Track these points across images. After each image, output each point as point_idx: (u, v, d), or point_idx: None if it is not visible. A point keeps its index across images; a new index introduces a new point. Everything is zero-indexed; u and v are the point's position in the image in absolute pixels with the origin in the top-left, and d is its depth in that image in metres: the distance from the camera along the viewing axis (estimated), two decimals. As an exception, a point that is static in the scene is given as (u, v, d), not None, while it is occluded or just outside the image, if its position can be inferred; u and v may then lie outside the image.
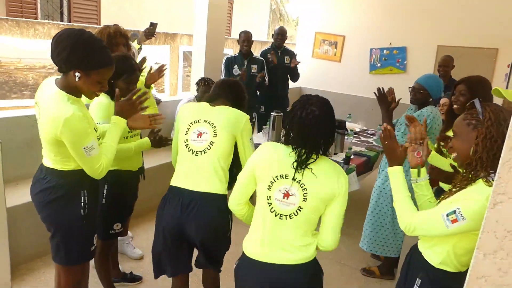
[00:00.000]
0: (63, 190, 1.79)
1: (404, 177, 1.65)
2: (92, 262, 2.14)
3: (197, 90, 4.16)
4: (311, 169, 1.54)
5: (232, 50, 9.77)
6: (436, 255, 1.56)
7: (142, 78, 2.78)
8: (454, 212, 1.39)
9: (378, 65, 6.38)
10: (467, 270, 1.48)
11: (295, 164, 1.54)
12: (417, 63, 5.96)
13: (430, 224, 1.48)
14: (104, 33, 2.64)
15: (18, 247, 2.71)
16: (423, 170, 1.69)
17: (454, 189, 1.52)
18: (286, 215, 1.57)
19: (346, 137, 4.02)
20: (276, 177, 1.57)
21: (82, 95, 1.76)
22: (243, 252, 1.69)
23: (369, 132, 4.99)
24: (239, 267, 1.70)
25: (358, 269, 3.27)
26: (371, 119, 5.47)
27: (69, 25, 6.85)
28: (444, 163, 2.28)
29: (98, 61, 1.66)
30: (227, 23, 11.49)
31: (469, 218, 1.37)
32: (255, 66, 4.68)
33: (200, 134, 1.94)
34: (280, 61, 5.00)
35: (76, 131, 1.64)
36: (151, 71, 2.90)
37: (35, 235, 2.87)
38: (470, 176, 1.47)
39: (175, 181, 1.98)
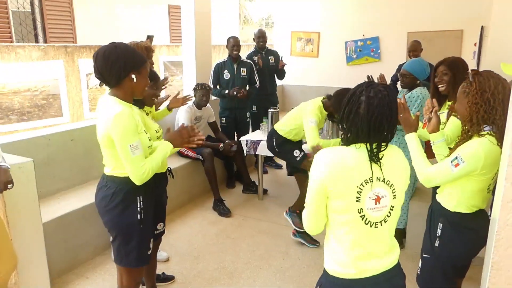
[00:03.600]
0: (121, 196, 1.92)
1: (419, 141, 1.96)
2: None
3: (195, 95, 4.35)
4: (386, 160, 1.41)
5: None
6: (450, 201, 1.92)
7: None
8: (456, 158, 1.78)
9: (354, 56, 6.73)
10: (479, 211, 1.82)
11: (369, 161, 1.37)
12: (390, 51, 6.34)
13: (440, 172, 1.84)
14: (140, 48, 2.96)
15: (49, 262, 2.77)
16: (438, 134, 2.01)
17: (457, 144, 1.89)
18: (380, 221, 1.42)
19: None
20: (361, 184, 1.37)
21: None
22: (328, 275, 1.48)
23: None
24: None
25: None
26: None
27: (48, 46, 6.86)
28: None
29: (141, 57, 1.92)
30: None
31: (467, 161, 1.75)
32: (244, 69, 4.89)
33: None
34: (265, 62, 5.23)
35: (123, 126, 1.77)
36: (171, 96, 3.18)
37: (64, 249, 3.00)
38: (468, 132, 1.84)
39: None
